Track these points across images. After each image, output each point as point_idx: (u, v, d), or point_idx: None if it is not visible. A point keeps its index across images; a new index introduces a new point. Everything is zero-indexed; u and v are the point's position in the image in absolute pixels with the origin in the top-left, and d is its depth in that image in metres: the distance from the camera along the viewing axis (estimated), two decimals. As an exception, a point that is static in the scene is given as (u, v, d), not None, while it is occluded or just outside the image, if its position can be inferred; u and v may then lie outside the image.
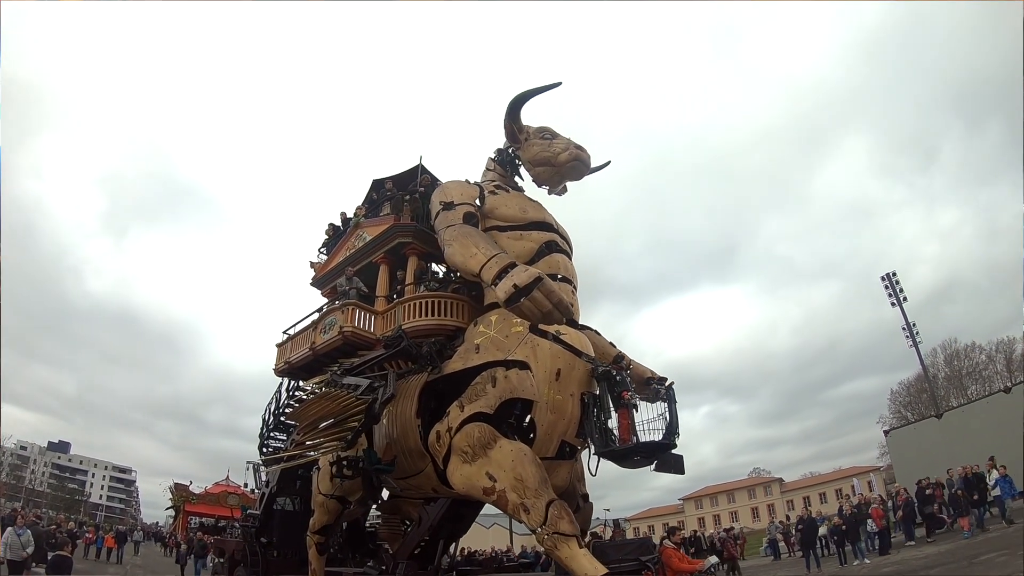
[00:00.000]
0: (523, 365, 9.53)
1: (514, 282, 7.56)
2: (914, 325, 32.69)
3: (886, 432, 30.02)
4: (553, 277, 10.60)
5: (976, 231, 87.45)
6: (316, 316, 12.81)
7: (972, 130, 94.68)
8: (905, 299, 33.31)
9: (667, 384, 9.88)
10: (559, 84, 11.52)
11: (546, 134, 12.01)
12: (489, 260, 8.52)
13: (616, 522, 10.08)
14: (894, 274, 33.51)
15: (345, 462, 10.42)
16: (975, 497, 15.18)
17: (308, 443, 10.47)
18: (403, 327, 10.52)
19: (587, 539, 10.29)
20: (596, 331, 11.45)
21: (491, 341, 10.15)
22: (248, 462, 25.11)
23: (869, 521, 16.82)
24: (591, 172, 11.49)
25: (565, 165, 11.45)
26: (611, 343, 12.40)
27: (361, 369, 10.56)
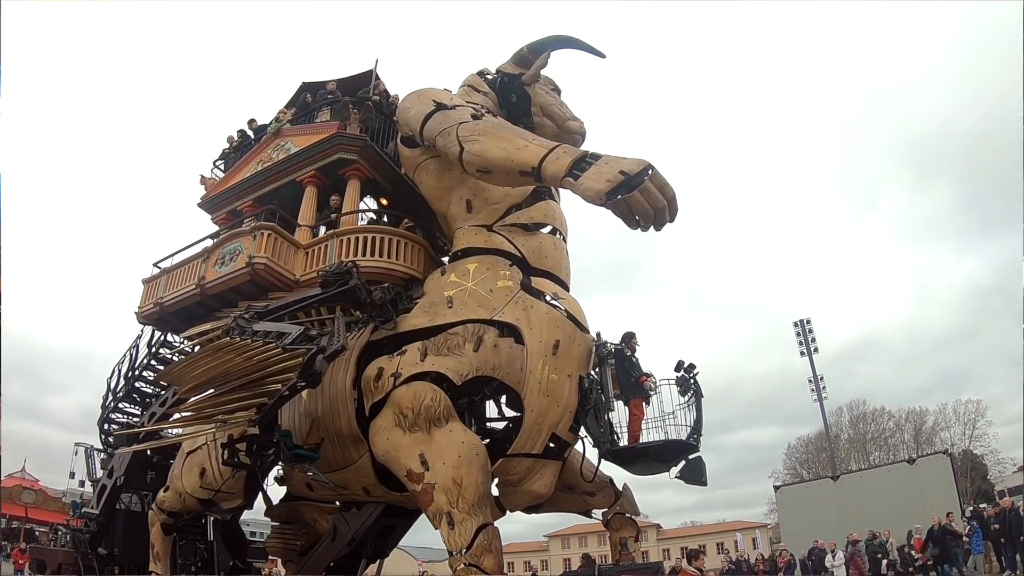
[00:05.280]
0: (514, 332, 7.76)
1: (621, 169, 6.01)
2: (822, 379, 31.46)
3: (776, 487, 28.44)
4: (552, 231, 9.20)
5: (907, 293, 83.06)
6: (209, 243, 9.71)
7: (920, 185, 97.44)
8: (816, 350, 31.91)
9: (695, 372, 8.16)
10: (604, 56, 10.22)
11: (556, 89, 10.75)
12: (553, 150, 6.83)
13: (623, 542, 8.15)
14: (808, 321, 32.17)
15: (241, 445, 7.63)
16: (937, 552, 14.99)
17: (189, 413, 7.57)
18: (352, 262, 7.97)
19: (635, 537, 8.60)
20: None
21: (469, 295, 8.23)
22: (78, 444, 20.82)
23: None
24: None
25: (570, 134, 10.14)
26: None
27: (278, 315, 7.84)
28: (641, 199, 5.97)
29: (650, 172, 6.08)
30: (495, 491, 8.16)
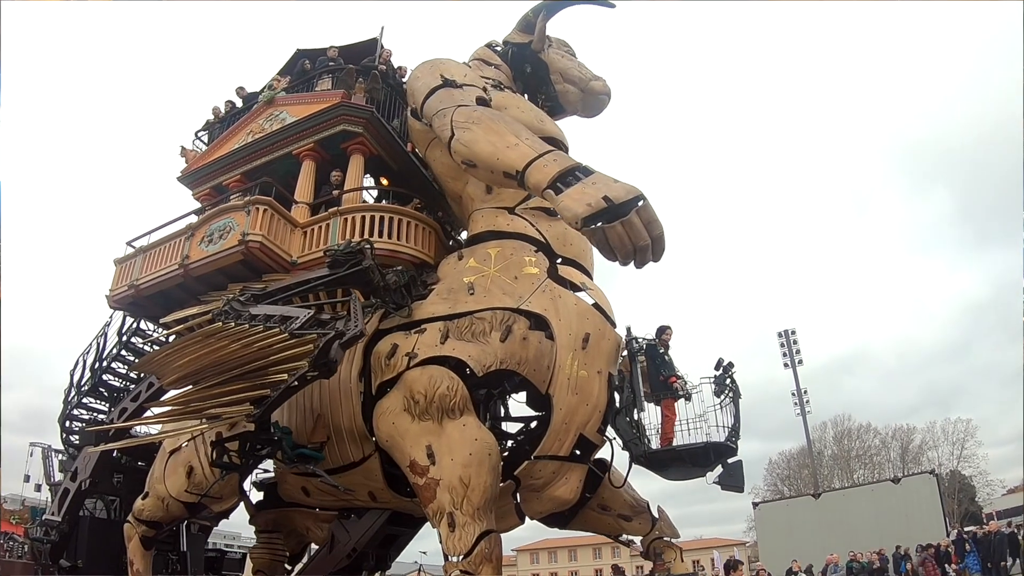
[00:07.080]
0: (542, 324, 7.14)
1: (605, 194, 5.33)
2: (805, 392, 30.74)
3: (756, 504, 27.96)
4: None
5: (898, 306, 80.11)
6: (193, 219, 8.82)
7: (914, 194, 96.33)
8: (801, 362, 31.09)
9: (732, 371, 7.68)
10: (613, 6, 9.83)
11: (571, 51, 10.23)
12: (543, 155, 6.13)
13: (657, 551, 7.57)
14: (792, 332, 31.34)
15: (232, 444, 6.87)
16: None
17: (173, 408, 6.73)
18: (366, 240, 7.26)
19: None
20: None
21: (492, 281, 7.57)
22: (34, 444, 19.92)
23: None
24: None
25: (596, 95, 9.72)
26: None
27: (275, 299, 7.09)
28: (621, 232, 5.28)
29: (640, 204, 5.42)
30: (516, 497, 7.58)
